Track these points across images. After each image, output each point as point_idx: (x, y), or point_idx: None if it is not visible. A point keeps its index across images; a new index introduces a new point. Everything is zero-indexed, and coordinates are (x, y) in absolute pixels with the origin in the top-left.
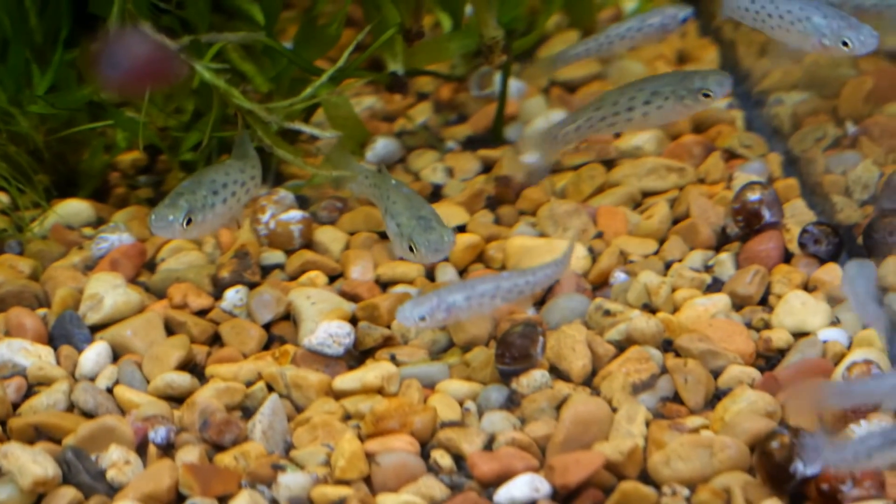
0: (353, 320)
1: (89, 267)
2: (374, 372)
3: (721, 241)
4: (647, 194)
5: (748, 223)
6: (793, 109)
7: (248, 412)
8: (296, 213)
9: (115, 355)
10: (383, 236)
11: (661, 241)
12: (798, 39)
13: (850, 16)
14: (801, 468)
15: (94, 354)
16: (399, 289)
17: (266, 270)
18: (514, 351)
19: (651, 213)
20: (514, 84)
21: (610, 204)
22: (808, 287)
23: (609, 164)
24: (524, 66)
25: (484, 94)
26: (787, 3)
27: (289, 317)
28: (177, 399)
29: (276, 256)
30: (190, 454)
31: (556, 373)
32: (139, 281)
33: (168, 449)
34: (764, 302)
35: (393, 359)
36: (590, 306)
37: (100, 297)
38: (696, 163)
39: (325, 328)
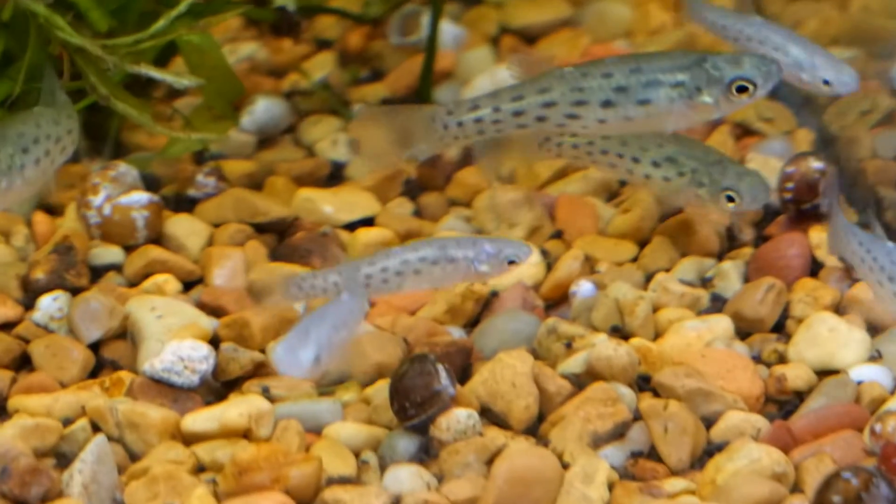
0: (215, 341)
1: None
2: (238, 409)
3: (726, 246)
4: (625, 181)
5: (798, 196)
6: None
7: (64, 459)
8: (140, 196)
9: None
10: (259, 229)
11: (643, 245)
12: None
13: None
14: None
15: None
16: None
17: (97, 272)
18: (414, 396)
19: (630, 206)
20: (449, 29)
21: (574, 193)
22: (839, 309)
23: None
24: (465, 6)
25: (408, 41)
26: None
27: (125, 334)
28: None
29: (111, 253)
30: None
31: (490, 416)
32: None
33: None
34: (779, 328)
35: (266, 392)
36: (540, 328)
37: None
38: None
39: (175, 350)
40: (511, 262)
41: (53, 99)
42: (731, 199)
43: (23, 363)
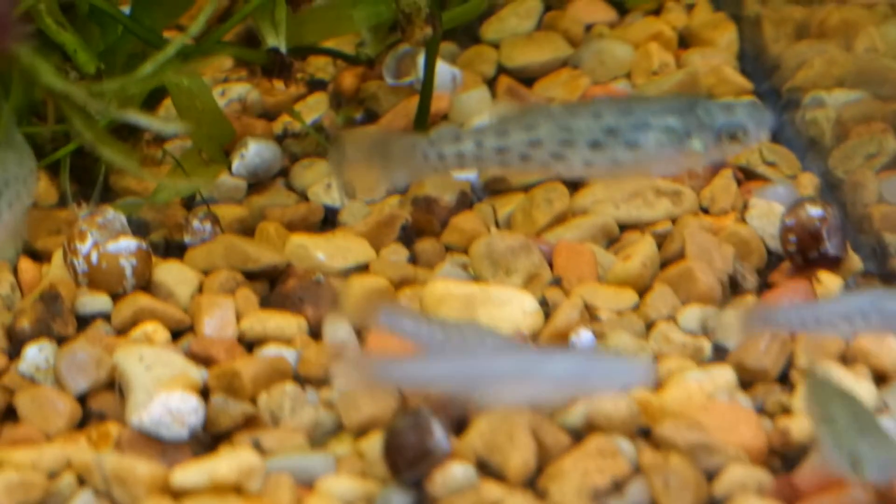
0: (204, 392)
1: None
2: (229, 463)
3: (728, 294)
4: (626, 227)
5: (803, 248)
6: (837, 114)
7: None
8: (128, 243)
9: None
10: (250, 276)
11: (643, 292)
12: None
13: None
14: None
15: None
16: (270, 350)
17: (83, 321)
18: (408, 453)
19: (631, 253)
20: (445, 70)
21: (573, 239)
22: (846, 359)
23: (575, 183)
24: (462, 46)
25: (403, 83)
26: None
27: (113, 385)
28: None
29: (98, 302)
30: None
31: (486, 469)
32: None
33: None
34: (784, 379)
35: (256, 445)
36: None
37: None
38: (699, 184)
39: (164, 402)
40: None
41: (13, 139)
42: (854, 469)
43: (7, 415)
